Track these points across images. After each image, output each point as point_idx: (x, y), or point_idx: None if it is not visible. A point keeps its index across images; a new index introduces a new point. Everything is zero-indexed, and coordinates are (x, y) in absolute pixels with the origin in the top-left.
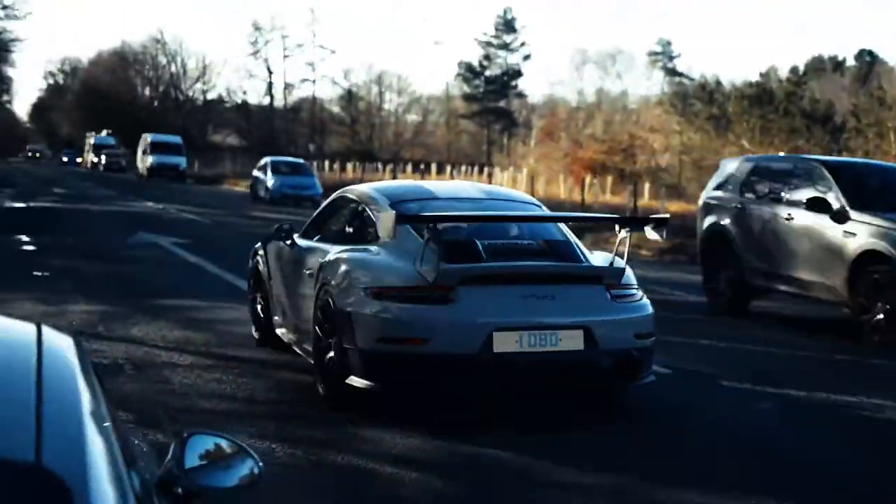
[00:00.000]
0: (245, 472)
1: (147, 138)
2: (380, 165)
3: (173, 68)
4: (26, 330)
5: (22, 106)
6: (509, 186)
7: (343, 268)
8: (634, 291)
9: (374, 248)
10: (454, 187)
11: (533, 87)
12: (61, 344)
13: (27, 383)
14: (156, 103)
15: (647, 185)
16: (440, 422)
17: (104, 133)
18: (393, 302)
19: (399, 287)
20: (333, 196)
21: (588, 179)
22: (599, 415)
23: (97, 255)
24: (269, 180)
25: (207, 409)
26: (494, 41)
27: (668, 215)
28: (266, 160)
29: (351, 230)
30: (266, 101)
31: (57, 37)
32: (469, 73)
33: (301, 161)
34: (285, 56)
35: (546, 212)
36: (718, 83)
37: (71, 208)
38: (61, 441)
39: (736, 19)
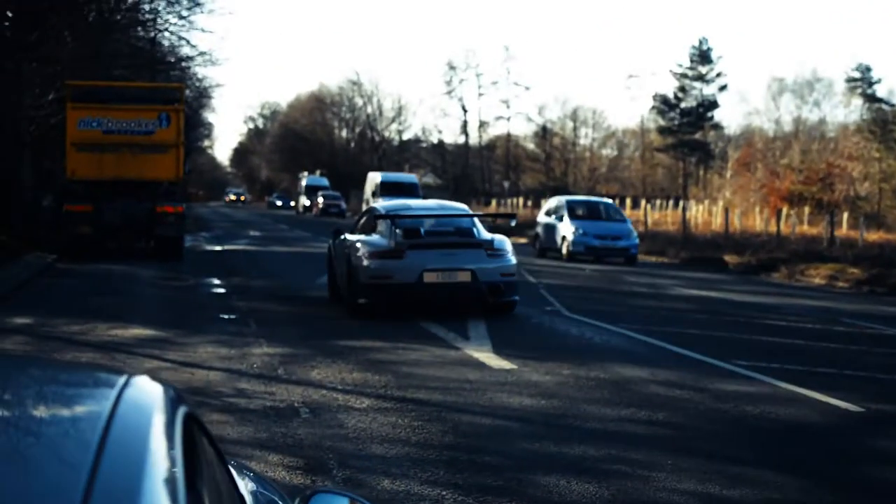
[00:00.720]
0: None
1: (376, 178)
2: None
3: (369, 109)
4: (111, 382)
5: (222, 151)
6: (704, 219)
7: (356, 245)
8: (502, 253)
9: (373, 234)
10: (424, 203)
11: (729, 117)
12: (146, 399)
13: (89, 441)
14: (352, 144)
15: (845, 215)
16: None
17: (317, 173)
18: (376, 259)
19: (379, 251)
20: (364, 209)
21: (784, 210)
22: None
23: (284, 296)
24: (569, 230)
25: (378, 455)
26: (690, 72)
27: (515, 212)
28: (559, 201)
29: (367, 226)
30: (461, 139)
31: (257, 82)
32: (664, 105)
33: (609, 202)
34: (480, 94)
35: (458, 212)
36: None
37: (264, 251)
38: None
39: None
